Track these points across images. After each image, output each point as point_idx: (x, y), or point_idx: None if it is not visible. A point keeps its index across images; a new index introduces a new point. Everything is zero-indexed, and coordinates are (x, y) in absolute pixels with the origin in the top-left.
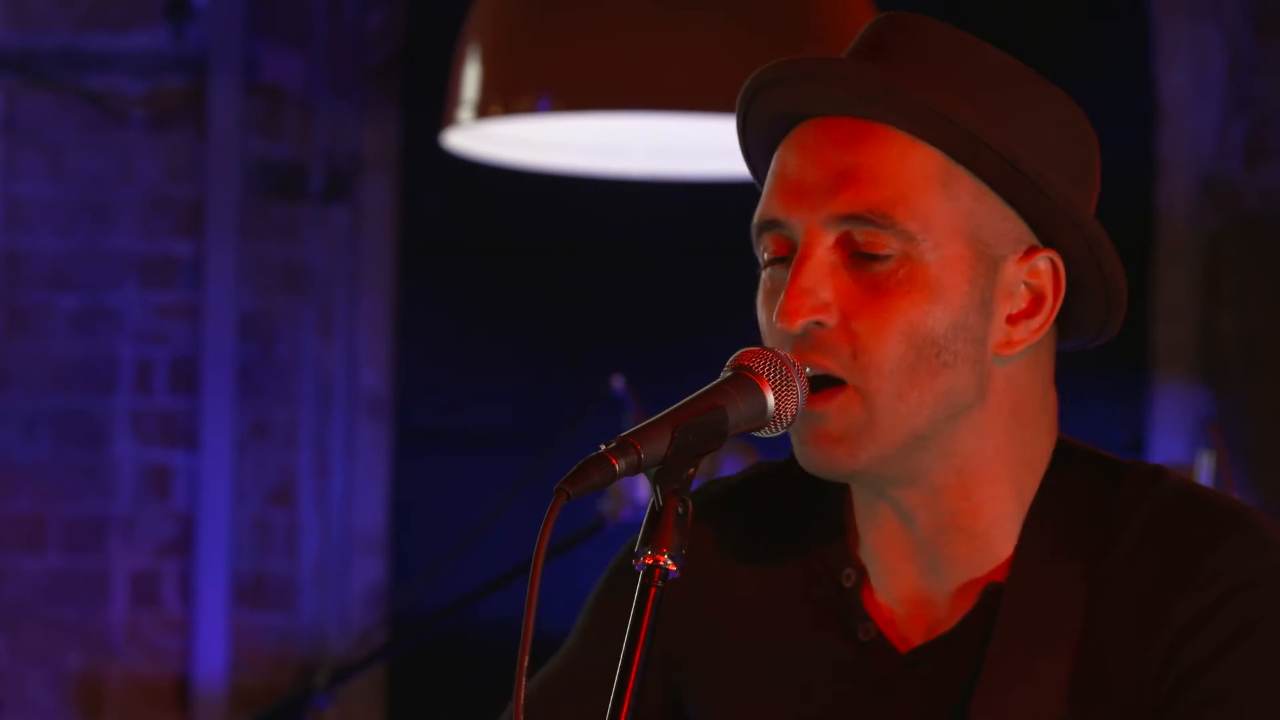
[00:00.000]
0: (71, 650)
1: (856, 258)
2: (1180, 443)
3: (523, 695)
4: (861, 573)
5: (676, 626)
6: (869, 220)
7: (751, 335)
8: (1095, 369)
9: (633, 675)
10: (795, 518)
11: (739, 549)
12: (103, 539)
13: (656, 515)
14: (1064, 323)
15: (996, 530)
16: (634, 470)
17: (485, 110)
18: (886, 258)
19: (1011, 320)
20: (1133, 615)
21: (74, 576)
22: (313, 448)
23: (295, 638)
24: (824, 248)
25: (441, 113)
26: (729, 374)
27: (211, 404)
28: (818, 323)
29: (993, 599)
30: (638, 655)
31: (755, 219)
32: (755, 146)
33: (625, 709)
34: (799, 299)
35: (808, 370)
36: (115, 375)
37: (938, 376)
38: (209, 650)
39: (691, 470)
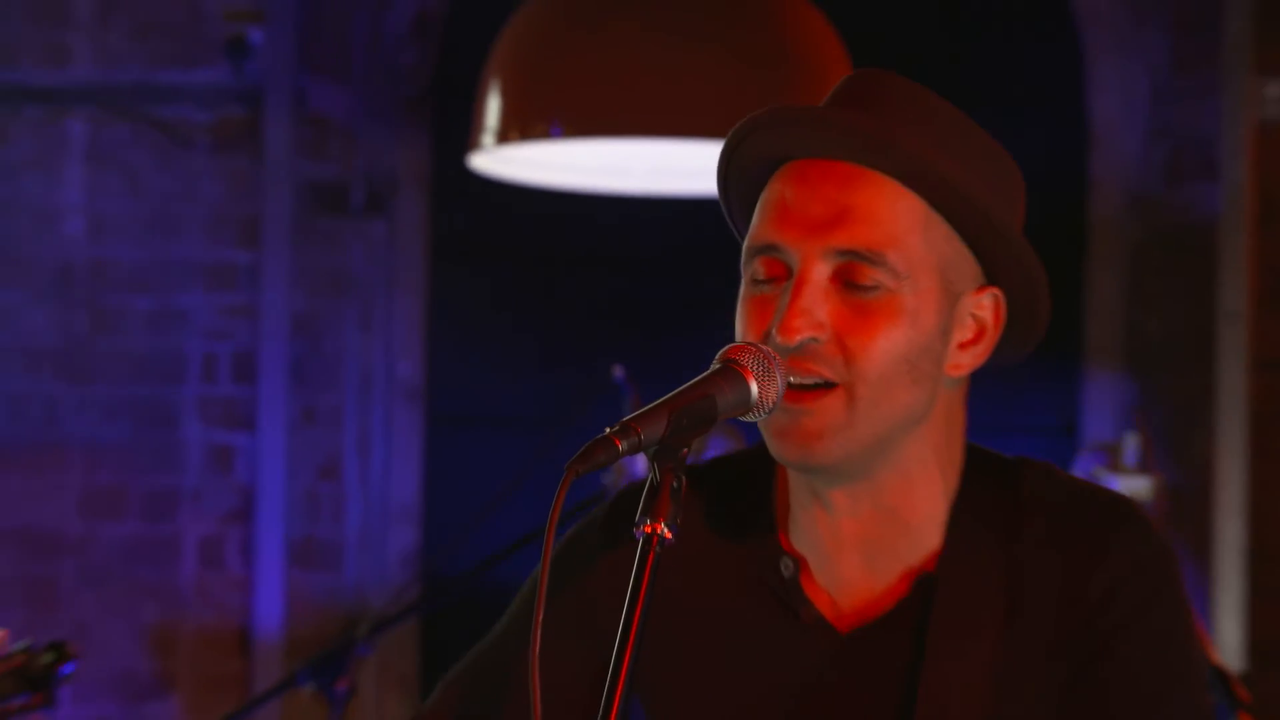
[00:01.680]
0: (148, 605)
1: (848, 286)
2: (1108, 426)
3: (538, 644)
4: (798, 562)
5: (616, 612)
6: (864, 256)
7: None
8: (1033, 362)
9: (633, 633)
10: (736, 513)
11: (685, 538)
12: (174, 509)
13: (655, 489)
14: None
15: (928, 524)
16: (634, 450)
17: (505, 136)
18: (874, 289)
19: (961, 347)
20: (1049, 594)
21: (150, 541)
22: (355, 430)
23: (341, 594)
24: (820, 274)
25: (467, 138)
26: (718, 366)
27: (268, 392)
28: (813, 339)
29: (926, 586)
30: (637, 614)
31: (751, 241)
32: (737, 175)
33: (626, 664)
34: (799, 317)
35: (793, 378)
36: (184, 367)
37: (906, 391)
38: (267, 605)
39: (685, 450)
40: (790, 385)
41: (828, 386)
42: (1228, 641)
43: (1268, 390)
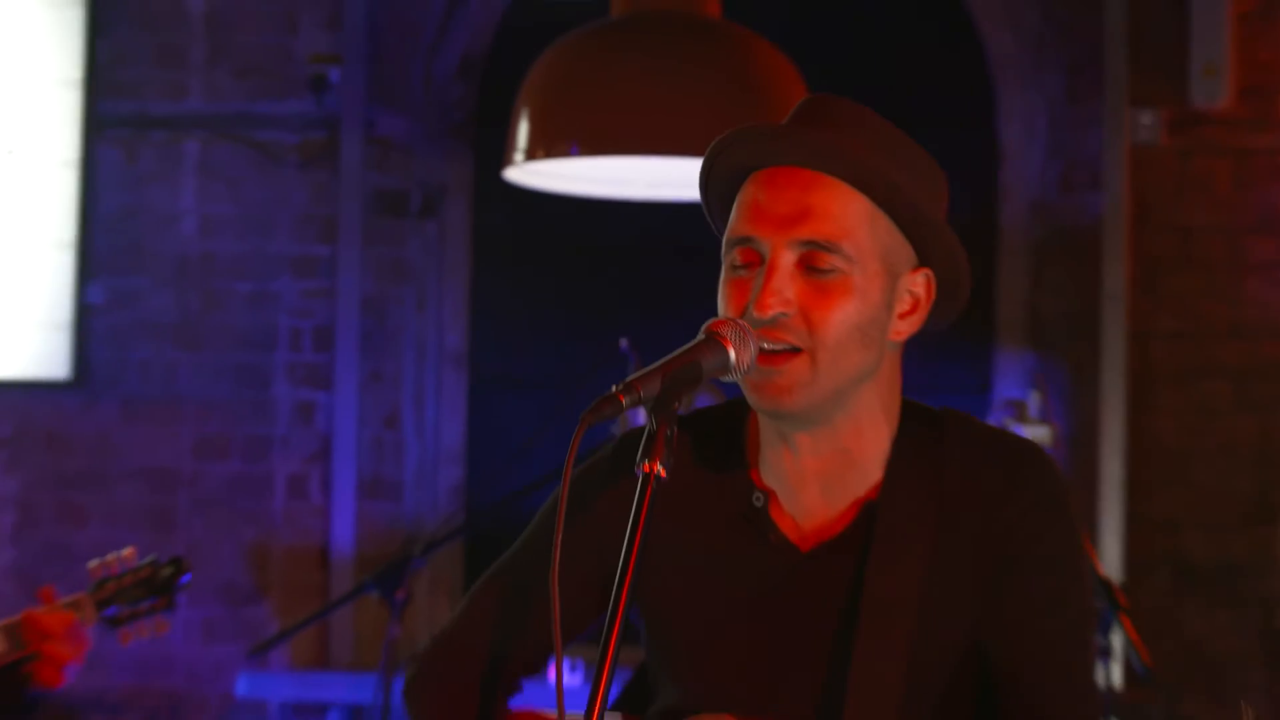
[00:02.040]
0: (247, 528)
1: (810, 270)
2: (1015, 386)
3: (558, 562)
4: (767, 495)
5: (619, 531)
6: (823, 246)
7: (715, 313)
8: (956, 337)
9: (634, 554)
10: (716, 454)
11: (675, 474)
12: (268, 452)
13: (652, 436)
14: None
15: (874, 462)
16: (635, 404)
17: (532, 154)
18: (831, 272)
19: (900, 317)
20: (969, 519)
21: (249, 477)
22: (412, 389)
23: (401, 520)
24: (787, 261)
25: (502, 155)
26: (703, 337)
27: (342, 358)
28: (782, 313)
29: (869, 512)
30: (638, 538)
31: (730, 234)
32: (717, 181)
33: (629, 578)
34: (771, 296)
35: (767, 344)
36: (275, 338)
37: (858, 353)
38: (341, 529)
39: (677, 404)
40: (764, 350)
41: (795, 351)
42: (1110, 558)
43: (1141, 356)
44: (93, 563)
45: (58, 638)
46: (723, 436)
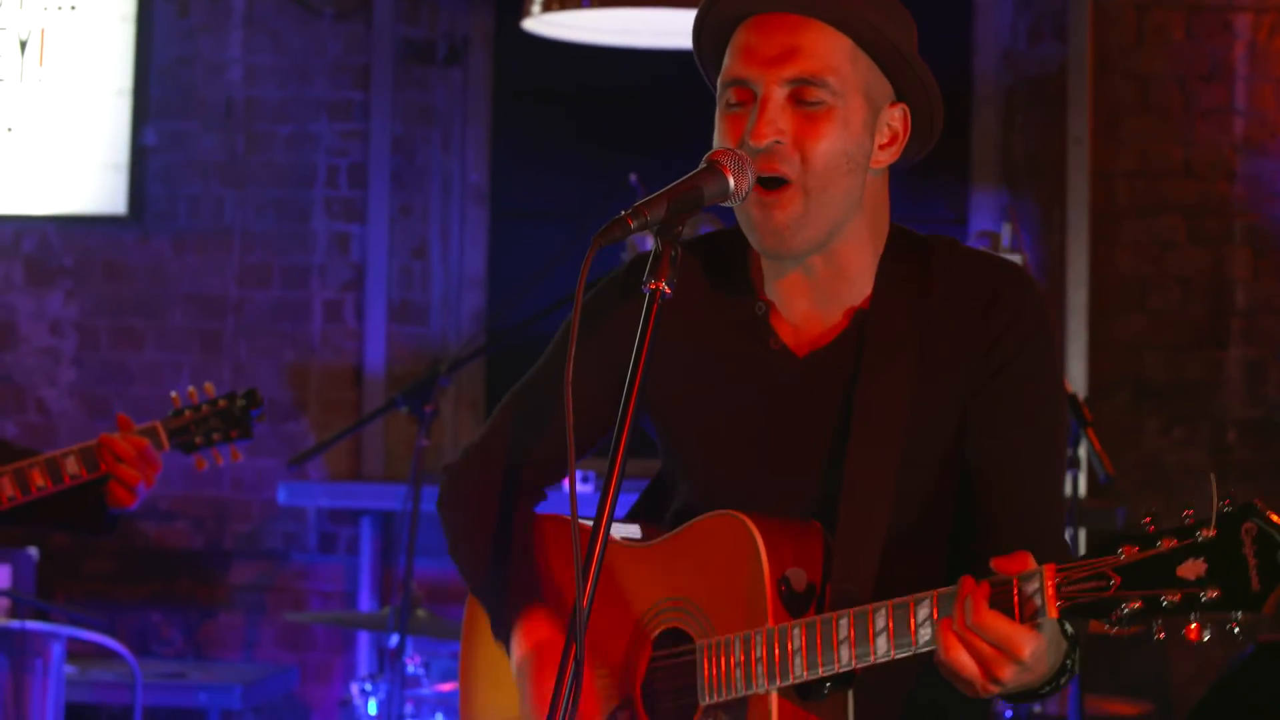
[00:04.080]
0: (287, 350)
1: (798, 103)
2: (989, 219)
3: (571, 368)
4: (768, 306)
5: (630, 347)
6: (810, 80)
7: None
8: (937, 174)
9: (641, 363)
10: (721, 271)
11: (684, 290)
12: (307, 279)
13: (658, 257)
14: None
15: (863, 276)
16: (643, 228)
17: (548, 6)
18: (818, 104)
19: (880, 148)
20: (953, 331)
21: (289, 303)
22: (439, 222)
23: (427, 342)
24: (779, 96)
25: (521, 8)
26: (704, 165)
27: (375, 194)
28: (777, 141)
29: (860, 320)
30: (645, 349)
31: (725, 76)
32: (710, 31)
33: (636, 388)
34: (766, 126)
35: (762, 175)
36: (315, 175)
37: (845, 177)
38: (374, 350)
39: (680, 228)
40: (760, 181)
41: (786, 183)
42: (1075, 378)
43: (1103, 193)
44: (174, 393)
45: (130, 461)
46: (728, 256)
